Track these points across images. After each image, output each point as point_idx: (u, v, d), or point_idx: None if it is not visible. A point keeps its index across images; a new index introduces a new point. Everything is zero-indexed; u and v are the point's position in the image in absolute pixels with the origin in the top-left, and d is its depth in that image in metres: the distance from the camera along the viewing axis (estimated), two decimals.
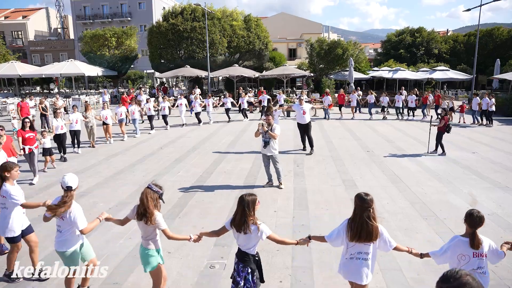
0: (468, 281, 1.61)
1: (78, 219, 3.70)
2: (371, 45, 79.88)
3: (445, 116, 10.75)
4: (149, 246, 3.65)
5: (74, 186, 3.82)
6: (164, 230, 3.64)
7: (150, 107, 15.10)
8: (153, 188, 3.63)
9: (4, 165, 4.39)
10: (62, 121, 10.56)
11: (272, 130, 7.61)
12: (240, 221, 3.38)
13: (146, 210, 3.53)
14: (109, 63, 32.34)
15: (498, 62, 26.36)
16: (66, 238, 3.79)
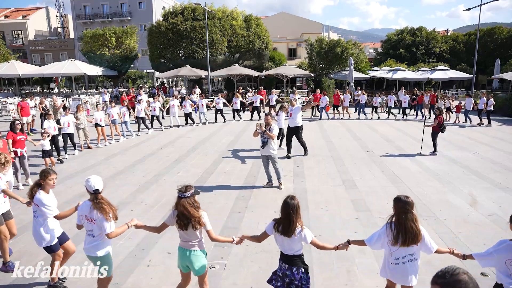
0: (464, 279, 1.56)
1: (108, 222, 3.58)
2: (371, 44, 79.93)
3: (439, 115, 10.74)
4: (195, 248, 3.56)
5: (101, 188, 3.68)
6: (208, 231, 3.55)
7: (142, 108, 14.67)
8: (186, 195, 3.45)
9: (44, 171, 4.20)
10: (53, 123, 10.25)
11: (270, 130, 7.60)
12: (286, 225, 3.38)
13: (191, 219, 3.40)
14: (109, 62, 32.35)
15: (498, 62, 26.36)
16: (98, 242, 3.66)
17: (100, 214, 3.54)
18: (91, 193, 3.64)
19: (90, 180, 3.65)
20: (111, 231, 3.58)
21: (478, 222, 6.08)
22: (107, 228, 3.56)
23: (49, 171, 4.16)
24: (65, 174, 9.28)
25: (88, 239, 3.70)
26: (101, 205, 3.57)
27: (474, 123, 17.04)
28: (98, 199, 3.60)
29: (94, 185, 3.62)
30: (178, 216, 3.45)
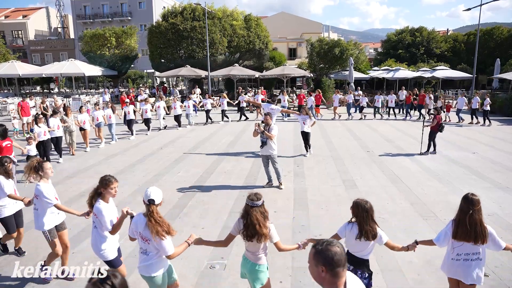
0: (336, 250, 1.85)
1: (166, 243, 3.20)
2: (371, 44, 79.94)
3: (437, 115, 10.74)
4: (260, 262, 3.40)
5: (158, 201, 3.24)
6: (276, 243, 3.37)
7: (130, 110, 13.98)
8: (257, 204, 3.26)
9: (105, 178, 3.77)
10: (44, 127, 9.78)
11: (269, 130, 7.59)
12: (362, 227, 3.34)
13: (258, 230, 3.21)
14: (109, 62, 32.35)
15: (498, 61, 26.35)
16: (153, 262, 3.29)
17: (155, 235, 3.13)
18: (146, 204, 3.24)
19: (148, 189, 3.27)
20: (172, 253, 3.22)
21: None
22: (167, 249, 3.19)
23: (111, 179, 3.71)
24: (65, 174, 9.28)
25: (142, 257, 3.33)
26: (153, 220, 3.14)
27: (466, 122, 17.23)
28: (150, 211, 3.19)
29: (150, 194, 3.22)
30: (247, 226, 3.24)
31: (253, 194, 3.32)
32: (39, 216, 4.36)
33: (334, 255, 1.83)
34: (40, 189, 4.26)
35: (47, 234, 4.40)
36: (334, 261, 1.83)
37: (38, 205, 4.34)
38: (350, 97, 19.19)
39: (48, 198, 4.29)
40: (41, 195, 4.26)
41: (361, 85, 30.17)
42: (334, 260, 1.83)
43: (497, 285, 4.36)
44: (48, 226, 4.39)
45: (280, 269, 4.73)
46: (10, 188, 4.82)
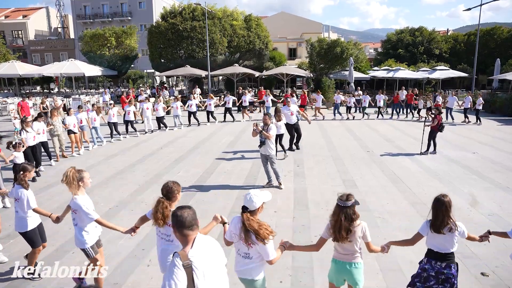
0: (182, 213, 2.40)
1: (269, 248, 3.08)
2: (371, 44, 79.94)
3: (438, 115, 10.75)
4: (357, 260, 3.36)
5: (253, 207, 3.08)
6: (368, 243, 3.32)
7: (114, 113, 13.42)
8: (347, 205, 3.20)
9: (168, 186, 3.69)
10: (33, 131, 9.13)
11: (268, 130, 7.58)
12: (442, 222, 3.32)
13: (351, 229, 3.19)
14: (109, 62, 32.35)
15: (498, 61, 26.36)
16: (255, 265, 3.19)
17: (255, 239, 3.03)
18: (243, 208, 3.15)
19: (249, 193, 3.15)
20: (273, 257, 3.09)
21: (478, 222, 6.08)
22: (270, 253, 3.07)
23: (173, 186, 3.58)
24: None
25: (241, 261, 3.23)
26: (250, 225, 3.03)
27: (459, 121, 17.38)
28: (246, 218, 3.08)
29: (248, 198, 3.09)
30: (337, 227, 3.20)
31: (344, 194, 3.28)
32: (80, 231, 4.00)
33: (180, 217, 2.36)
34: (79, 203, 3.89)
35: (89, 251, 4.05)
36: (180, 222, 2.34)
37: (77, 220, 3.97)
38: (338, 97, 19.22)
39: (89, 212, 3.93)
40: (80, 210, 3.89)
41: (361, 85, 30.16)
42: (179, 222, 2.34)
43: (497, 285, 4.36)
44: (90, 242, 4.04)
45: (280, 269, 4.73)
46: (34, 201, 4.50)
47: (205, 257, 2.36)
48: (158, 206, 3.39)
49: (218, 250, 2.53)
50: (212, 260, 2.41)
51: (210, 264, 2.38)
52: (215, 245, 2.53)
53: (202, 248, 2.37)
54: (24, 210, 4.45)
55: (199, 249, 2.35)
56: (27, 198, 4.41)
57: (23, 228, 4.50)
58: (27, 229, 4.50)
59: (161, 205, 3.38)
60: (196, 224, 2.41)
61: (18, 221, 4.51)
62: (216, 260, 2.46)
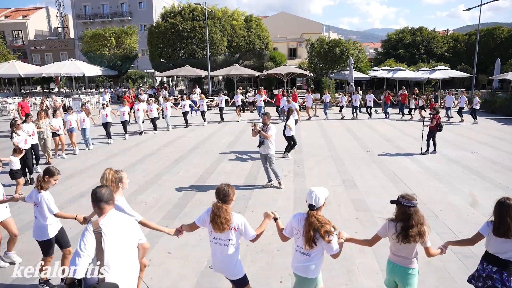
0: (100, 190, 2.86)
1: (333, 243, 3.09)
2: (371, 44, 79.92)
3: (436, 115, 10.76)
4: (413, 265, 3.27)
5: (318, 204, 3.19)
6: (428, 248, 3.23)
7: (107, 113, 13.04)
8: (415, 204, 3.15)
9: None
10: (25, 135, 8.60)
11: (267, 130, 7.56)
12: (502, 227, 3.16)
13: (420, 231, 3.11)
14: (109, 62, 32.36)
15: (499, 61, 26.36)
16: (312, 264, 3.21)
17: (319, 236, 3.06)
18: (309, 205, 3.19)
19: (312, 190, 3.24)
20: (337, 252, 3.12)
21: (478, 222, 6.07)
22: (334, 248, 3.09)
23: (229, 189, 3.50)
24: (65, 174, 9.27)
25: (301, 257, 3.23)
26: (315, 222, 3.08)
27: (456, 120, 17.56)
28: (311, 215, 3.15)
29: (314, 196, 3.20)
30: (403, 227, 3.14)
31: (409, 194, 3.23)
32: None
33: (99, 193, 2.80)
34: (121, 206, 3.65)
35: None
36: (99, 197, 2.80)
37: None
38: (327, 97, 19.29)
39: (133, 214, 3.69)
40: (124, 212, 3.59)
41: (361, 85, 30.16)
42: (98, 197, 2.80)
43: None
44: None
45: (280, 269, 4.72)
46: (55, 205, 4.24)
47: (114, 227, 2.76)
48: (217, 212, 3.28)
49: (131, 226, 2.92)
50: (121, 232, 2.80)
51: (118, 234, 2.77)
52: (130, 223, 2.94)
53: (113, 220, 2.79)
54: (44, 216, 4.18)
55: (110, 220, 2.77)
56: (47, 203, 4.15)
57: (42, 237, 4.25)
58: (46, 238, 4.25)
59: (221, 210, 3.29)
60: (111, 200, 2.87)
61: (37, 229, 4.24)
62: (126, 233, 2.84)
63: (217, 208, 3.29)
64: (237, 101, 18.64)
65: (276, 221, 3.49)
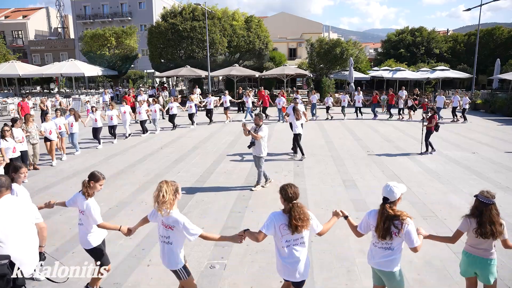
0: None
1: (413, 234, 3.15)
2: (371, 44, 79.86)
3: (434, 115, 10.78)
4: (492, 256, 3.42)
5: (393, 198, 3.29)
6: (505, 240, 3.35)
7: (97, 117, 12.45)
8: (493, 202, 3.38)
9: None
10: (12, 141, 7.98)
11: (257, 131, 7.51)
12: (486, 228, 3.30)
13: (496, 228, 3.27)
14: (109, 62, 32.36)
15: (498, 62, 26.36)
16: (395, 257, 3.26)
17: (396, 228, 3.13)
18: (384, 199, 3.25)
19: (387, 186, 3.31)
20: (418, 244, 3.17)
21: None
22: (414, 240, 3.15)
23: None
24: (65, 174, 9.28)
25: (380, 252, 3.28)
26: (388, 213, 3.18)
27: (448, 120, 17.70)
28: (387, 208, 3.23)
29: (389, 190, 3.28)
30: (481, 223, 3.27)
31: (489, 192, 3.37)
32: (176, 249, 3.45)
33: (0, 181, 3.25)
34: (178, 218, 3.33)
35: (182, 272, 3.52)
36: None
37: (172, 238, 3.41)
38: (314, 97, 19.42)
39: (191, 227, 3.35)
40: (181, 226, 3.31)
41: (361, 85, 30.16)
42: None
43: (497, 285, 4.35)
44: (183, 262, 3.54)
45: None
46: (100, 215, 4.00)
47: (8, 209, 3.24)
48: (301, 211, 3.28)
49: (26, 208, 3.42)
50: (16, 212, 3.27)
51: (13, 214, 3.24)
52: (26, 205, 3.47)
53: (7, 203, 3.26)
54: (90, 224, 3.97)
55: (4, 203, 3.25)
56: (93, 213, 3.89)
57: (89, 245, 4.05)
58: (92, 246, 4.06)
59: (302, 208, 3.31)
60: (6, 186, 3.31)
61: (83, 237, 4.06)
62: (21, 214, 3.31)
63: (299, 207, 3.27)
64: (225, 102, 18.14)
65: (347, 218, 3.55)
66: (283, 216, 3.28)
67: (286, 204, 3.29)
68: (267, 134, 7.67)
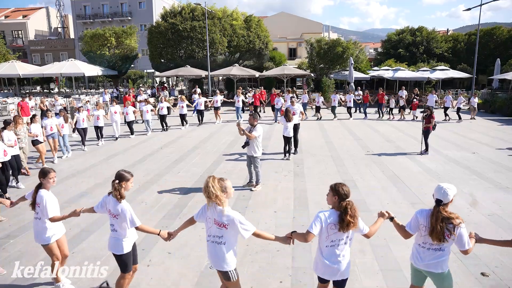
0: None
1: (465, 237, 3.15)
2: (372, 44, 79.89)
3: (432, 114, 10.79)
4: None
5: (447, 200, 3.28)
6: None
7: (84, 117, 12.12)
8: None
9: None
10: (2, 144, 7.45)
11: (252, 131, 7.49)
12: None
13: None
14: (109, 62, 32.35)
15: (498, 61, 26.37)
16: (446, 258, 3.29)
17: (448, 230, 3.14)
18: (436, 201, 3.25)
19: (440, 188, 3.27)
20: (469, 247, 3.16)
21: (478, 222, 6.07)
22: (466, 243, 3.14)
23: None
24: (65, 173, 9.28)
25: (431, 254, 3.28)
26: (442, 216, 3.16)
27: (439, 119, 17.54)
28: (437, 209, 3.22)
29: (443, 192, 3.26)
30: None
31: None
32: (229, 249, 3.33)
33: None
34: (232, 215, 3.28)
35: (233, 274, 3.36)
36: None
37: (225, 238, 3.29)
38: (305, 97, 19.58)
39: (246, 223, 3.29)
40: (233, 222, 3.24)
41: (361, 85, 30.16)
42: None
43: (497, 285, 4.36)
44: (235, 263, 3.39)
45: (280, 269, 4.73)
46: (137, 218, 3.79)
47: None
48: (353, 208, 3.22)
49: None
50: None
51: None
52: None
53: None
54: (124, 229, 3.74)
55: None
56: (130, 216, 3.68)
57: (118, 250, 3.79)
58: (123, 252, 3.79)
59: (354, 207, 3.23)
60: None
61: (115, 242, 3.79)
62: None
63: (354, 205, 3.23)
64: (216, 102, 17.78)
65: (393, 220, 3.52)
66: (334, 214, 3.22)
67: (338, 202, 3.23)
68: (261, 134, 7.66)
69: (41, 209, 4.06)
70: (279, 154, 11.08)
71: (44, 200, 4.02)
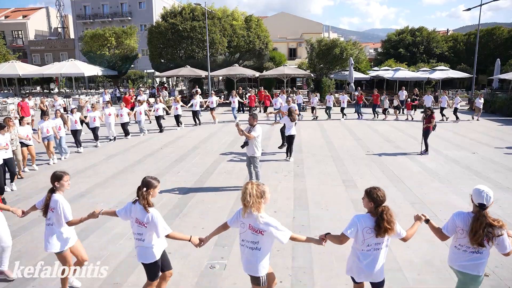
0: None
1: (506, 241, 3.13)
2: (372, 44, 79.87)
3: (432, 114, 10.79)
4: None
5: (489, 203, 3.13)
6: None
7: (76, 119, 11.73)
8: None
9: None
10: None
11: (251, 131, 7.47)
12: None
13: None
14: (109, 62, 32.37)
15: (498, 62, 26.37)
16: (484, 261, 3.25)
17: (490, 234, 3.09)
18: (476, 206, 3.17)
19: (482, 192, 3.14)
20: (510, 249, 3.13)
21: None
22: (508, 246, 3.10)
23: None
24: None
25: (468, 256, 3.24)
26: (486, 222, 3.07)
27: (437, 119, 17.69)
28: (482, 214, 3.11)
29: (485, 196, 3.12)
30: None
31: None
32: (264, 255, 3.27)
33: None
34: (269, 222, 3.19)
35: (264, 279, 3.30)
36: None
37: (261, 244, 3.22)
38: (299, 97, 19.63)
39: (282, 229, 3.22)
40: (269, 228, 3.17)
41: (361, 85, 30.17)
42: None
43: (497, 285, 4.36)
44: (267, 269, 3.36)
45: (280, 269, 4.72)
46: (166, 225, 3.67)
47: None
48: (389, 213, 3.19)
49: None
50: None
51: None
52: None
53: None
54: (152, 237, 3.63)
55: None
56: (159, 224, 3.56)
57: (147, 259, 3.66)
58: (154, 260, 3.67)
59: (391, 212, 3.21)
60: None
61: (144, 250, 3.66)
62: None
63: (390, 210, 3.20)
64: (212, 103, 17.69)
65: (428, 222, 3.55)
66: (370, 219, 3.19)
67: (373, 207, 3.19)
68: (260, 134, 7.64)
69: (56, 213, 3.88)
70: (279, 154, 11.09)
71: (60, 204, 3.87)
